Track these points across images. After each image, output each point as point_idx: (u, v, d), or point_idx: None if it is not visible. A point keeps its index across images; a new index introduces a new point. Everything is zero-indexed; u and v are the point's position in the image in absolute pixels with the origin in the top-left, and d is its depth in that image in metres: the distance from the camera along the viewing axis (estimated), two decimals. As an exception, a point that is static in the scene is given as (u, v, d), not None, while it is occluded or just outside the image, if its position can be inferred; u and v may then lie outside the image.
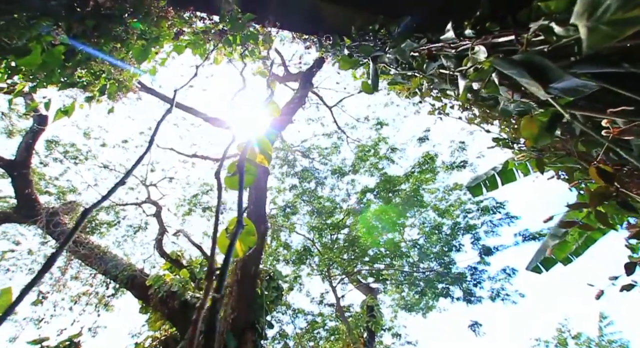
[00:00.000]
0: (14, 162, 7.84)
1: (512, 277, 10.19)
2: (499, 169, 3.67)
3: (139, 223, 13.27)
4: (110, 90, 2.11)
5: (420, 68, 1.67)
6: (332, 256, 10.22)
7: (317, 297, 14.44)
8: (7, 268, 11.94)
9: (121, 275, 8.78)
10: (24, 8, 1.03)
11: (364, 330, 11.08)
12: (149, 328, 9.29)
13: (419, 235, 12.03)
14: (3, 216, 8.67)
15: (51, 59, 1.36)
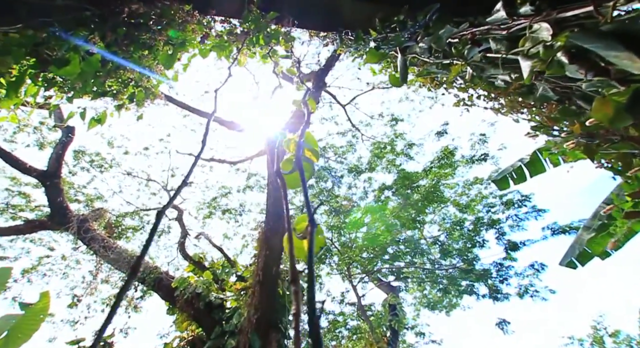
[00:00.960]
0: (46, 172, 8.27)
1: (541, 272, 9.78)
2: (526, 160, 3.53)
3: (162, 228, 13.70)
4: (138, 98, 2.18)
5: (460, 55, 1.59)
6: (352, 255, 10.16)
7: (337, 296, 14.43)
8: (43, 273, 12.63)
9: (148, 278, 9.07)
10: (62, 20, 1.07)
11: (387, 329, 10.97)
12: (176, 329, 9.55)
13: (439, 231, 11.77)
14: (39, 224, 9.17)
15: (89, 67, 1.42)
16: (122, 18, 1.30)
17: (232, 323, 8.14)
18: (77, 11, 1.05)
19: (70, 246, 12.63)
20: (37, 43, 1.21)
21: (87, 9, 1.06)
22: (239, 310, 8.31)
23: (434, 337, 13.06)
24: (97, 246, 9.02)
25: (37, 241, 12.23)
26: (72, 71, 1.34)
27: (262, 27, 2.13)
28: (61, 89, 1.69)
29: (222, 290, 9.39)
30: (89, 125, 2.04)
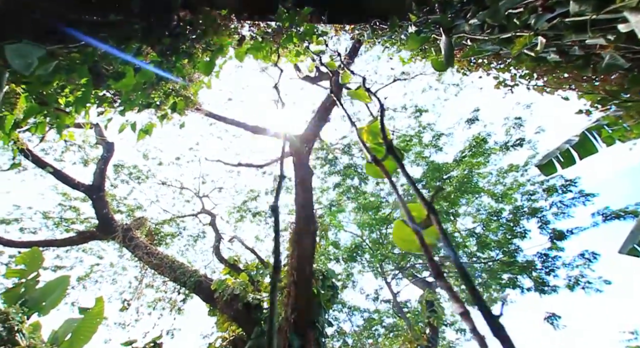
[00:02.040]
0: (92, 186, 8.92)
1: (593, 262, 9.02)
2: (574, 141, 3.26)
3: (197, 233, 14.33)
4: (179, 107, 2.28)
5: (525, 25, 1.46)
6: (384, 251, 9.99)
7: (371, 294, 14.30)
8: (95, 280, 13.68)
9: (189, 281, 9.48)
10: (114, 35, 1.13)
11: (425, 326, 10.69)
12: (218, 330, 9.90)
13: (474, 223, 11.27)
14: (89, 234, 9.93)
15: (143, 78, 1.50)
16: (165, 29, 1.35)
17: (270, 323, 8.33)
18: (127, 25, 1.11)
19: (117, 254, 13.57)
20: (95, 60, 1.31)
21: (136, 22, 1.11)
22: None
23: (476, 334, 12.56)
24: (140, 253, 9.60)
25: (88, 250, 13.25)
26: (128, 83, 1.42)
27: (297, 23, 2.12)
28: (110, 105, 1.80)
29: (257, 290, 9.62)
30: (138, 137, 2.16)
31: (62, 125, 1.74)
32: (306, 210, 8.12)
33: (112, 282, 13.89)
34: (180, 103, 2.25)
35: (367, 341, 15.99)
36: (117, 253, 13.60)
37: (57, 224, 12.02)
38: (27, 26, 0.90)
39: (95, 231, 9.82)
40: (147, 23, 1.18)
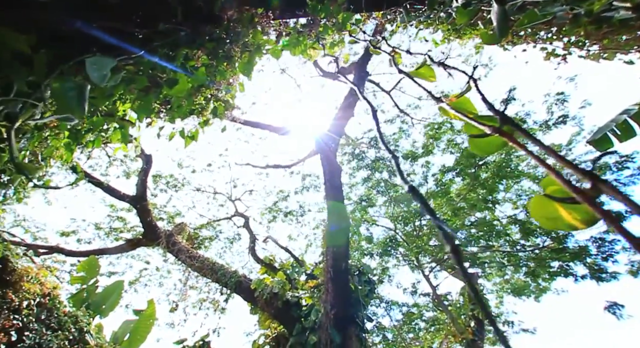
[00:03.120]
0: (135, 197, 9.55)
1: (657, 244, 8.10)
2: (633, 111, 2.96)
3: (232, 235, 14.87)
4: (219, 111, 2.37)
5: None
6: (420, 243, 9.73)
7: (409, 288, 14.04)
8: (144, 283, 14.66)
9: (230, 282, 9.86)
10: (165, 44, 1.19)
11: (470, 319, 10.31)
12: (260, 327, 10.20)
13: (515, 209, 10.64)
14: (136, 241, 10.66)
15: (196, 81, 1.57)
16: (207, 33, 1.40)
17: (310, 320, 8.42)
18: (174, 33, 1.16)
19: (161, 259, 14.45)
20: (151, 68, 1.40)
21: (182, 29, 1.16)
22: (315, 307, 8.56)
23: (525, 326, 11.90)
24: (184, 256, 10.13)
25: (136, 256, 14.22)
26: (182, 88, 1.49)
27: (333, 13, 2.10)
28: (156, 115, 1.90)
29: (295, 288, 9.79)
30: (185, 143, 2.28)
31: (126, 134, 1.87)
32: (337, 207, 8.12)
33: (159, 285, 14.80)
34: (220, 107, 2.33)
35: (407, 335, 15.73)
36: (161, 258, 14.48)
37: (107, 234, 13.02)
38: (90, 43, 0.98)
39: (141, 238, 10.52)
40: (191, 29, 1.23)
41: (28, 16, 0.70)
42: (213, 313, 11.98)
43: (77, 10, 0.84)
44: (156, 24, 1.01)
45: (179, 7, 1.01)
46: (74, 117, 0.90)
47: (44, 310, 4.49)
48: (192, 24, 1.18)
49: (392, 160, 0.96)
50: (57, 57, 0.89)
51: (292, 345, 8.43)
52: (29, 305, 4.16)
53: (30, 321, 4.10)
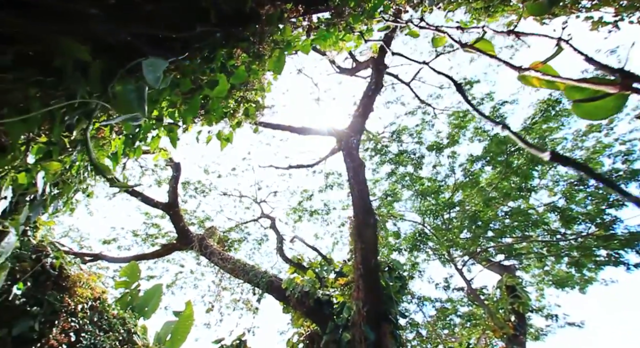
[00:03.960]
0: (168, 204, 9.98)
1: None
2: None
3: (260, 236, 15.20)
4: (250, 112, 2.42)
5: None
6: (451, 237, 9.42)
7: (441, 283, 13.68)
8: (180, 286, 15.33)
9: (261, 282, 10.07)
10: (203, 46, 1.23)
11: (509, 313, 9.87)
12: (293, 326, 10.34)
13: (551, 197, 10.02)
14: (171, 246, 11.16)
15: (238, 79, 1.61)
16: (240, 33, 1.43)
17: (343, 317, 8.41)
18: (211, 35, 1.19)
19: (195, 262, 15.04)
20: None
21: (217, 31, 1.19)
22: (346, 305, 8.55)
23: (571, 319, 11.21)
24: (216, 259, 10.48)
25: (171, 261, 14.89)
26: (223, 89, 1.53)
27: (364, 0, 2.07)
28: (190, 121, 1.97)
29: (324, 287, 9.83)
30: (221, 146, 2.35)
31: (175, 138, 1.96)
32: (363, 202, 8.05)
33: (194, 287, 15.42)
34: (251, 108, 2.38)
35: (442, 332, 15.33)
36: (194, 261, 15.07)
37: (144, 240, 13.74)
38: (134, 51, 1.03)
39: (175, 243, 10.99)
40: (225, 30, 1.25)
41: (87, 28, 0.75)
42: (247, 313, 12.32)
43: (123, 20, 0.89)
44: (192, 27, 1.04)
45: (212, 9, 1.04)
46: (140, 116, 0.96)
47: (96, 313, 4.80)
48: (225, 25, 1.20)
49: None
50: (108, 65, 0.95)
51: (326, 342, 8.46)
52: (83, 309, 4.45)
53: (85, 323, 4.39)
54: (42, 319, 3.74)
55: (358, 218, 8.03)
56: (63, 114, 1.02)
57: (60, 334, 3.88)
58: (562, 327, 11.57)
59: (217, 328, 12.72)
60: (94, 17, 0.77)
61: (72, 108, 1.07)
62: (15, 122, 0.85)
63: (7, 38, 0.68)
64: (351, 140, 7.83)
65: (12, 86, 0.76)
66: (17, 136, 0.91)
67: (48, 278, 4.06)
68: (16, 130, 0.88)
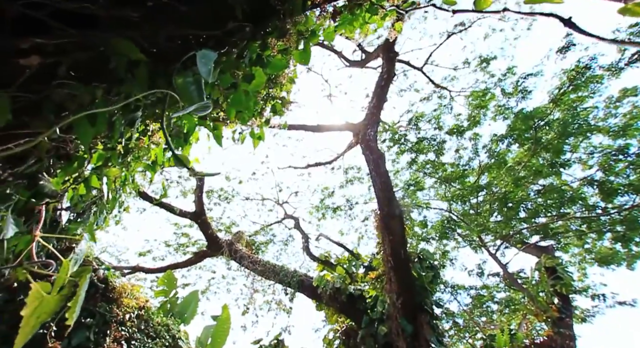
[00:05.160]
0: (195, 213, 10.29)
1: None
2: None
3: (285, 237, 15.39)
4: (278, 108, 2.43)
5: None
6: (482, 221, 9.10)
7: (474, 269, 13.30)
8: (214, 291, 15.80)
9: (292, 282, 10.18)
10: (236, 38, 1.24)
11: (551, 295, 9.45)
12: (328, 323, 10.38)
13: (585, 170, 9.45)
14: (202, 253, 11.51)
15: (275, 69, 1.62)
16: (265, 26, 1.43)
17: (377, 311, 8.36)
18: (241, 29, 1.20)
19: (225, 267, 15.45)
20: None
21: (246, 26, 1.20)
22: (379, 298, 8.48)
23: (620, 298, 10.58)
24: (246, 262, 10.70)
25: (203, 268, 15.37)
26: (260, 82, 1.54)
27: None
28: (223, 122, 2.00)
29: (355, 282, 9.81)
30: (254, 144, 2.38)
31: (220, 135, 2.00)
32: (387, 194, 7.95)
33: (227, 292, 15.83)
34: (278, 105, 2.39)
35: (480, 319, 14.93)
36: (225, 266, 15.46)
37: (176, 249, 14.26)
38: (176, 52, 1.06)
39: (206, 250, 11.33)
40: (253, 23, 1.26)
41: (132, 32, 0.78)
42: (281, 313, 12.52)
43: (161, 22, 0.91)
44: (224, 24, 1.05)
45: (238, 5, 1.04)
46: (209, 105, 0.98)
47: (142, 321, 5.02)
48: (252, 19, 1.21)
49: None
50: (154, 65, 0.99)
51: (363, 337, 8.44)
52: (130, 318, 4.66)
53: (134, 331, 4.60)
54: (96, 330, 3.95)
55: (383, 210, 7.94)
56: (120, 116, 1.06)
57: (113, 343, 4.08)
58: (611, 307, 10.94)
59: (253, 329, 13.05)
60: (135, 21, 0.79)
61: (128, 109, 1.11)
62: (84, 126, 0.89)
63: (61, 48, 0.72)
64: (368, 133, 7.74)
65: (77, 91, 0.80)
66: (88, 140, 0.95)
67: (97, 291, 4.28)
68: (86, 134, 0.92)
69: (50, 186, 1.21)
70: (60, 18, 0.67)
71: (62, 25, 0.66)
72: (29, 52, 0.66)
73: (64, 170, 1.37)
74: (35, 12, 0.61)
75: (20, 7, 0.59)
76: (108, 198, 1.86)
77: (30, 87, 0.66)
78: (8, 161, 0.91)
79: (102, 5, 0.70)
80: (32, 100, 0.65)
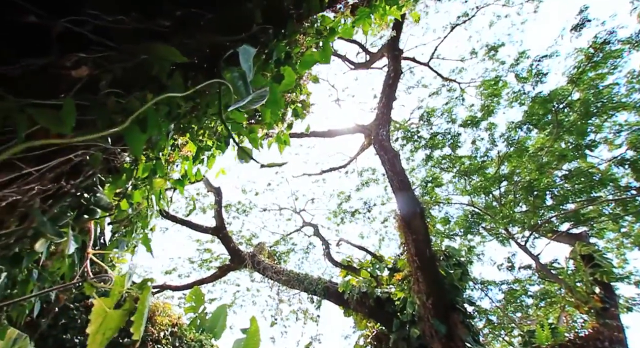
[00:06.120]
0: (216, 228, 10.43)
1: None
2: None
3: (306, 245, 15.35)
4: (299, 112, 2.44)
5: None
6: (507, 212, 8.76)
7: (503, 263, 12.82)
8: (240, 304, 15.87)
9: (317, 289, 10.10)
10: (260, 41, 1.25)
11: (591, 285, 8.97)
12: (358, 328, 10.21)
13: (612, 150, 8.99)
14: (226, 267, 11.61)
15: (306, 65, 1.63)
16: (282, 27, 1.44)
17: (407, 313, 8.16)
18: (265, 31, 1.21)
19: (249, 279, 15.52)
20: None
21: (269, 27, 1.21)
22: (408, 300, 8.28)
23: (669, 282, 9.91)
24: (270, 273, 10.71)
25: (227, 282, 15.50)
26: (291, 81, 1.55)
27: None
28: (244, 132, 2.01)
29: (380, 285, 9.64)
30: (280, 149, 2.39)
31: (256, 138, 2.01)
32: (405, 192, 7.84)
33: (252, 304, 15.88)
34: (299, 108, 2.41)
35: (514, 315, 14.32)
36: (249, 279, 15.54)
37: (200, 265, 14.46)
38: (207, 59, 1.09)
39: (230, 264, 11.42)
40: (274, 25, 1.27)
41: (166, 40, 0.81)
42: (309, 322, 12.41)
43: (194, 30, 0.94)
44: (248, 28, 1.07)
45: (257, 9, 1.06)
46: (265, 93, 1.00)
47: (176, 338, 5.07)
48: (272, 21, 1.22)
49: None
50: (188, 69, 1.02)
51: (395, 341, 8.24)
52: (164, 335, 4.72)
53: (169, 349, 4.63)
54: (134, 349, 4.00)
55: (403, 209, 7.81)
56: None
57: (150, 362, 4.13)
58: (658, 292, 10.27)
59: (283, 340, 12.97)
60: (165, 32, 0.82)
61: (170, 116, 1.14)
62: (135, 132, 0.90)
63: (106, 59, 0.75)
64: (380, 133, 7.68)
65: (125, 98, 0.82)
66: (140, 147, 0.96)
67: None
68: (138, 141, 0.93)
69: (106, 198, 1.24)
70: (98, 32, 0.70)
71: (101, 38, 0.70)
72: (79, 64, 0.69)
73: (113, 183, 1.41)
74: (78, 27, 0.65)
75: (64, 23, 0.63)
76: (145, 214, 1.90)
77: (81, 97, 0.69)
78: (57, 178, 0.94)
79: (135, 18, 0.73)
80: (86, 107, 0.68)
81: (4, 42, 0.64)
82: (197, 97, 1.26)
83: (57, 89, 0.66)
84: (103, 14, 0.67)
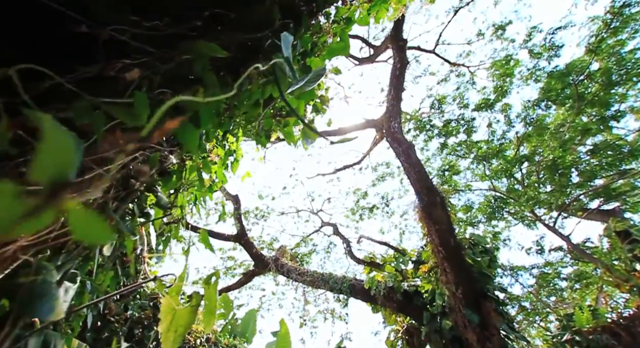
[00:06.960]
0: (237, 234, 10.59)
1: None
2: None
3: (327, 245, 15.35)
4: (319, 107, 2.45)
5: None
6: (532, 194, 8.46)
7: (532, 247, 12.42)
8: (267, 308, 16.04)
9: (343, 287, 10.09)
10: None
11: (630, 262, 8.57)
12: (387, 324, 10.13)
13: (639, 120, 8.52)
14: (250, 273, 11.77)
15: (333, 53, 1.61)
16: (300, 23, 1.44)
17: (437, 305, 8.03)
18: (285, 26, 1.22)
19: (273, 283, 15.67)
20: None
21: (287, 23, 1.22)
22: (437, 291, 8.16)
23: None
24: (294, 275, 10.77)
25: (252, 287, 15.70)
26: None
27: None
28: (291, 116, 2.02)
29: (406, 278, 9.53)
30: (304, 147, 2.40)
31: (291, 132, 2.03)
32: (424, 183, 7.73)
33: (279, 307, 16.03)
34: (318, 104, 2.41)
35: (549, 300, 13.83)
36: (273, 283, 15.69)
37: (225, 273, 14.72)
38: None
39: (254, 269, 11.57)
40: (293, 20, 1.27)
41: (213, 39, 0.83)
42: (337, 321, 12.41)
43: (222, 29, 0.96)
44: (271, 25, 1.08)
45: (274, 7, 1.06)
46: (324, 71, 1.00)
47: (212, 344, 5.17)
48: (290, 16, 1.22)
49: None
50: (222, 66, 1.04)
51: (427, 334, 8.13)
52: (201, 342, 4.82)
53: (206, 356, 4.73)
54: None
55: (423, 200, 7.70)
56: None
57: (190, 369, 4.22)
58: None
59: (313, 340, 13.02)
60: (194, 35, 0.84)
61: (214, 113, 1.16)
62: (189, 129, 0.92)
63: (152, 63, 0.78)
64: (392, 125, 7.59)
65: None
66: (194, 143, 0.98)
67: (168, 321, 4.48)
68: (192, 136, 0.94)
69: (165, 198, 1.28)
70: (137, 38, 0.73)
71: (140, 44, 0.72)
72: (125, 69, 0.72)
73: (164, 185, 1.45)
74: (120, 35, 0.68)
75: (109, 31, 0.66)
76: (184, 220, 1.94)
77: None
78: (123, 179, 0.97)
79: (168, 23, 0.75)
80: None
81: (63, 53, 0.68)
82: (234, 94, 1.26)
83: (115, 91, 0.68)
84: (142, 21, 0.70)
